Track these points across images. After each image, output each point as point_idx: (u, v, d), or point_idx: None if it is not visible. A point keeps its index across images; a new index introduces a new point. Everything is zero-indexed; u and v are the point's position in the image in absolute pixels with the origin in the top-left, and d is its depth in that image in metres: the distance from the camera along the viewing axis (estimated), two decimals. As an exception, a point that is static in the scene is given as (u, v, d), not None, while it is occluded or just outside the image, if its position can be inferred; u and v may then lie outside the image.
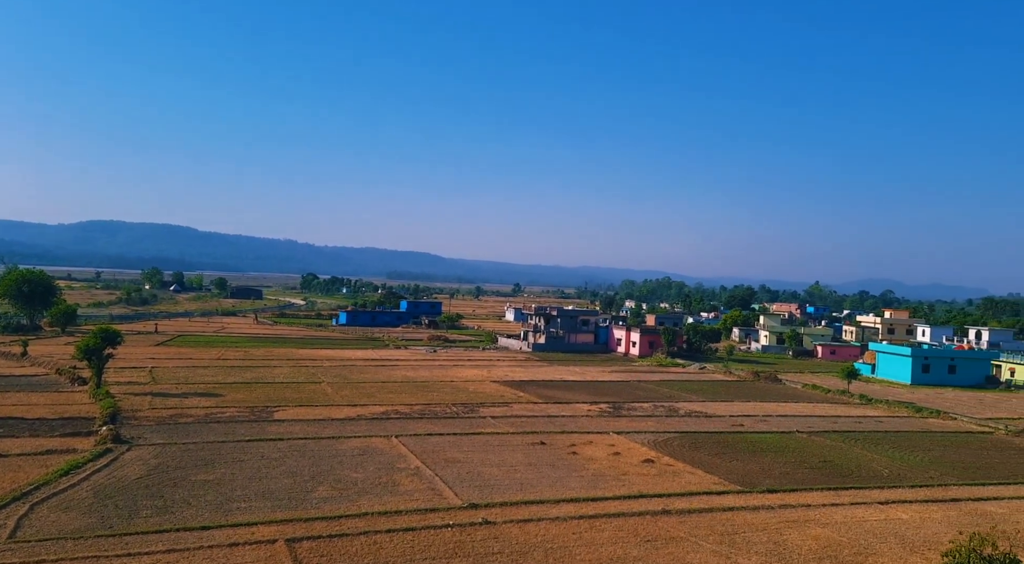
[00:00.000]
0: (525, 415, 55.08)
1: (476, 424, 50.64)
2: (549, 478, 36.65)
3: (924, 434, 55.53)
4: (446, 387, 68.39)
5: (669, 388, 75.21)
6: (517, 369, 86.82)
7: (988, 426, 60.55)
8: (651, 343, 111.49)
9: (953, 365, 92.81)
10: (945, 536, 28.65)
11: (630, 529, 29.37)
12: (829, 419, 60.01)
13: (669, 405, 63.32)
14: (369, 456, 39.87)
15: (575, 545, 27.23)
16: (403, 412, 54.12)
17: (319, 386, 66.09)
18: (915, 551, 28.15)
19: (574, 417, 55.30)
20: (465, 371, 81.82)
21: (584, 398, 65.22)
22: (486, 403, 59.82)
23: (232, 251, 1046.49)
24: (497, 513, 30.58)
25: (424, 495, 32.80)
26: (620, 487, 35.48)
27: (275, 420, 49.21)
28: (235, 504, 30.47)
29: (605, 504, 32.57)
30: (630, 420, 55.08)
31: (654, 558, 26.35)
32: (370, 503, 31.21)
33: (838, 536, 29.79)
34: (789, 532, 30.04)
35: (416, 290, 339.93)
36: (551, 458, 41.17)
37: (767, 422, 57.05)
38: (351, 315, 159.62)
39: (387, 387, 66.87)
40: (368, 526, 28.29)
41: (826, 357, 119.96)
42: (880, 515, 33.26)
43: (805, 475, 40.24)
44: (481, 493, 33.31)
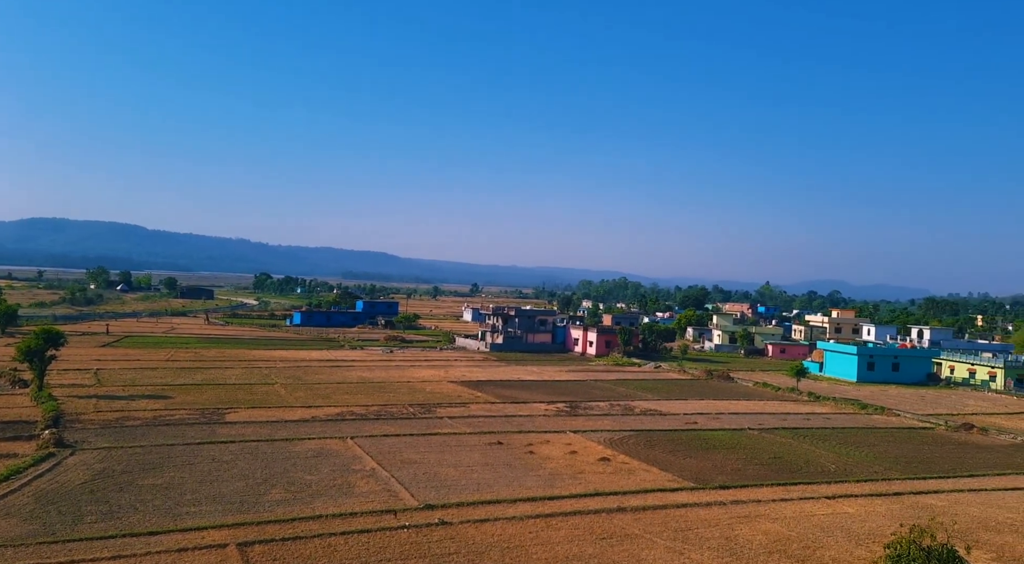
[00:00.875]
0: (482, 415, 55.06)
1: (433, 425, 50.43)
2: (506, 478, 36.71)
3: (869, 430, 57.27)
4: (403, 388, 67.93)
5: (625, 387, 76.04)
6: (475, 369, 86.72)
7: (929, 422, 62.75)
8: (608, 343, 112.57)
9: (896, 363, 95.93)
10: (888, 529, 29.57)
11: (586, 527, 29.61)
12: (779, 416, 61.45)
13: (625, 404, 64.02)
14: (324, 458, 39.36)
15: (531, 544, 27.34)
16: (359, 413, 53.56)
17: (272, 387, 64.98)
18: (860, 544, 29.02)
19: (531, 417, 55.49)
20: (422, 371, 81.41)
21: (541, 398, 65.50)
22: (443, 403, 59.62)
23: (182, 250, 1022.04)
24: (453, 513, 30.50)
25: (380, 496, 32.52)
26: (576, 486, 35.74)
27: (227, 422, 48.21)
28: (184, 508, 29.77)
29: (561, 503, 32.77)
30: (587, 419, 55.52)
31: (609, 555, 26.61)
32: (325, 505, 30.82)
33: (787, 530, 30.53)
34: (740, 527, 30.67)
35: (372, 290, 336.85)
36: (508, 458, 41.24)
37: (720, 420, 58.13)
38: (306, 315, 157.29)
39: (342, 388, 66.11)
40: (322, 529, 27.93)
41: (776, 356, 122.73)
42: (827, 509, 34.19)
43: (756, 471, 41.13)
44: (437, 494, 33.19)
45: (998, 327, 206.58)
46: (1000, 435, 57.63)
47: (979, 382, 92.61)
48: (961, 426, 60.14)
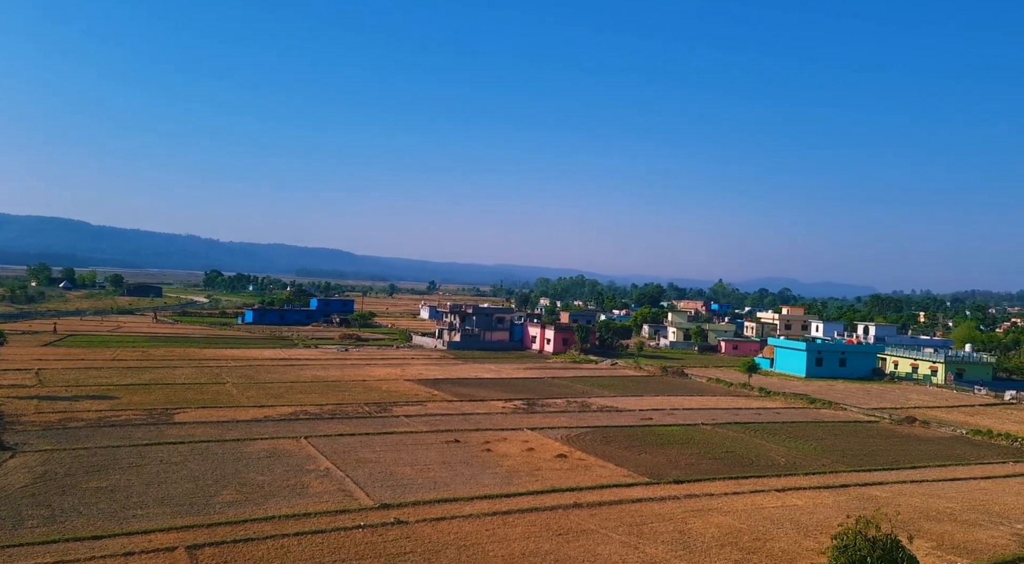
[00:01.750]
0: (439, 413, 54.83)
1: (389, 423, 50.01)
2: (463, 476, 36.62)
3: (817, 424, 58.82)
4: (358, 386, 67.20)
5: (582, 384, 76.59)
6: (432, 367, 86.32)
7: (874, 415, 64.76)
8: (565, 340, 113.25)
9: (843, 358, 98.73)
10: (835, 520, 30.39)
11: (542, 524, 29.73)
12: (731, 411, 62.66)
13: (582, 401, 64.48)
14: (277, 458, 38.68)
15: (488, 542, 27.32)
16: (313, 412, 52.80)
17: (223, 387, 63.59)
18: (808, 535, 29.77)
19: (489, 414, 55.47)
20: (378, 370, 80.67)
21: (499, 395, 65.53)
22: (400, 402, 59.18)
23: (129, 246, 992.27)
24: (410, 512, 30.30)
25: (334, 496, 32.11)
26: (533, 482, 35.85)
27: (176, 423, 47.01)
28: (131, 511, 28.92)
29: (518, 500, 32.83)
30: (544, 416, 55.75)
31: (565, 551, 26.76)
32: (277, 506, 30.29)
33: (738, 523, 31.14)
34: (693, 521, 31.17)
35: (327, 288, 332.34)
36: (465, 456, 41.15)
37: (674, 415, 59.00)
38: (258, 313, 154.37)
39: (296, 387, 65.08)
40: (275, 530, 27.45)
41: (729, 352, 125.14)
42: (777, 502, 34.99)
43: (709, 465, 41.86)
44: (394, 493, 32.93)
45: (939, 323, 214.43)
46: (941, 428, 59.78)
47: (921, 377, 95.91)
48: (904, 419, 62.22)
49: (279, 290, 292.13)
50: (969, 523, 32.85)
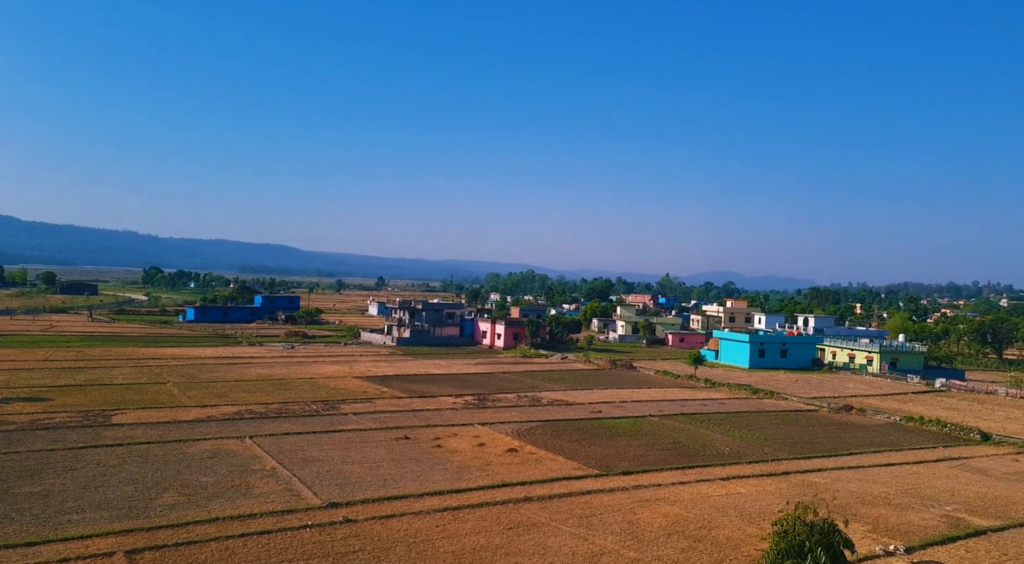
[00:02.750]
0: (389, 410, 54.35)
1: (337, 421, 49.34)
2: (413, 473, 36.39)
3: (760, 414, 60.43)
4: (305, 384, 66.10)
5: (533, 378, 76.95)
6: (381, 364, 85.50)
7: (814, 404, 66.88)
8: (516, 335, 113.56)
9: (785, 349, 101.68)
10: (777, 506, 31.21)
11: (493, 518, 29.77)
12: (678, 403, 63.85)
13: (532, 395, 64.78)
14: (220, 459, 37.75)
15: (438, 538, 27.22)
16: (258, 412, 51.70)
17: (164, 387, 61.73)
18: (752, 522, 30.56)
19: (439, 410, 55.25)
20: (325, 367, 79.50)
21: (449, 391, 65.32)
22: (348, 399, 58.43)
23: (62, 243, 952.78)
24: (359, 511, 29.96)
25: (281, 496, 31.52)
26: (484, 477, 35.87)
27: (113, 424, 45.40)
28: (66, 516, 27.83)
29: (469, 495, 32.80)
30: (495, 411, 55.81)
31: (516, 545, 26.86)
32: (221, 508, 29.57)
33: (685, 512, 31.77)
34: (641, 511, 31.67)
35: (272, 284, 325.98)
36: (415, 452, 40.89)
37: (623, 408, 59.80)
38: (200, 311, 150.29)
39: (240, 386, 63.61)
40: (219, 532, 26.79)
41: (676, 345, 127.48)
42: (722, 490, 35.82)
43: (657, 456, 42.58)
44: (342, 491, 32.51)
45: (874, 315, 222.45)
46: (876, 415, 62.12)
47: (858, 366, 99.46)
48: (842, 408, 64.44)
49: (222, 287, 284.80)
50: (902, 506, 34.22)
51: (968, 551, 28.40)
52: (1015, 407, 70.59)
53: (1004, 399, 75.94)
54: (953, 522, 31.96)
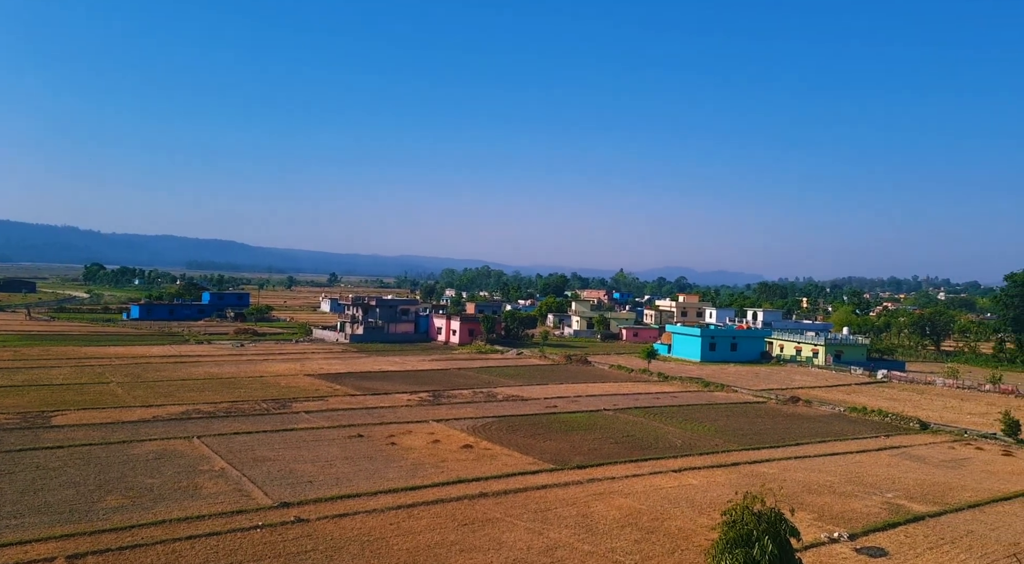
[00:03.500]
0: (342, 408, 53.68)
1: (288, 420, 48.52)
2: (366, 471, 36.03)
3: (711, 406, 61.60)
4: (255, 383, 64.81)
5: (488, 374, 76.94)
6: (334, 361, 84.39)
7: (762, 396, 68.49)
8: (471, 331, 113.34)
9: (735, 343, 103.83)
10: (727, 497, 31.91)
11: (448, 515, 29.68)
12: (632, 396, 64.64)
13: (488, 391, 64.77)
14: (167, 460, 36.75)
15: (392, 536, 27.01)
16: (206, 411, 50.49)
17: (107, 387, 59.78)
18: (703, 512, 31.14)
19: (393, 408, 54.81)
20: (276, 365, 78.10)
21: (404, 388, 64.85)
22: (299, 398, 57.51)
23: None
24: (311, 510, 29.52)
25: (230, 497, 30.84)
26: (439, 474, 35.72)
27: (53, 426, 43.77)
28: (3, 521, 26.75)
29: (423, 492, 32.64)
30: (450, 407, 55.63)
31: (471, 541, 26.83)
32: (168, 510, 28.79)
33: (638, 504, 32.19)
34: (596, 504, 31.97)
35: (221, 281, 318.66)
36: (369, 450, 40.49)
37: (578, 402, 60.26)
38: (145, 309, 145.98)
39: (187, 385, 62.02)
40: (166, 534, 26.09)
41: (630, 339, 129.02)
42: (674, 482, 36.41)
43: (611, 450, 43.03)
44: (293, 491, 31.99)
45: (820, 308, 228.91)
46: (822, 406, 63.93)
47: (804, 359, 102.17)
48: (789, 399, 66.14)
49: (168, 284, 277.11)
50: (846, 494, 35.31)
51: (908, 536, 29.46)
52: (952, 397, 73.47)
53: (942, 389, 78.98)
54: (894, 509, 33.11)
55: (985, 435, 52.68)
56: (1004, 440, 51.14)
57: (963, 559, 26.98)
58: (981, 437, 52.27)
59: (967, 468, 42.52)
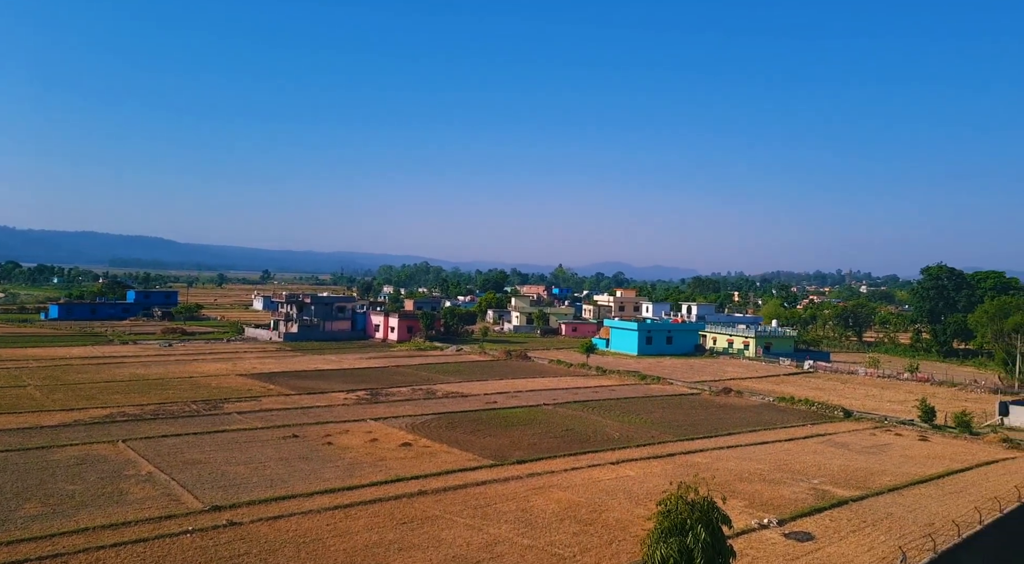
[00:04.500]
0: (276, 408, 52.42)
1: (220, 421, 47.09)
2: (302, 471, 35.29)
3: (648, 398, 62.81)
4: (184, 384, 62.66)
5: (427, 371, 76.44)
6: (267, 360, 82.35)
7: (696, 388, 70.23)
8: (410, 328, 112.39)
9: (670, 336, 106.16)
10: (662, 487, 32.55)
11: (386, 514, 29.35)
12: (571, 391, 65.31)
13: (427, 388, 64.34)
14: (89, 465, 35.15)
15: (329, 536, 26.54)
16: (132, 414, 48.52)
17: (24, 390, 56.75)
18: (640, 503, 31.71)
19: (330, 407, 53.86)
20: (207, 365, 75.69)
21: (340, 387, 63.80)
22: (231, 398, 55.88)
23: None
24: (244, 513, 28.74)
25: (158, 502, 29.73)
26: (377, 473, 35.29)
27: (-37, 434, 41.29)
28: (-96, 539, 25.05)
29: (361, 492, 32.19)
30: (388, 406, 55.02)
31: (409, 539, 26.60)
32: (91, 517, 27.55)
33: (577, 497, 32.54)
34: (535, 498, 32.16)
35: (147, 279, 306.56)
36: (304, 451, 39.67)
37: (518, 397, 60.49)
38: (65, 308, 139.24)
39: (112, 387, 59.46)
40: (88, 542, 24.96)
41: (569, 334, 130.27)
42: (612, 474, 36.97)
43: (550, 444, 43.36)
44: (226, 494, 31.07)
45: (751, 302, 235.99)
46: (752, 397, 65.99)
47: (736, 351, 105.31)
48: (722, 391, 68.03)
49: (90, 282, 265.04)
50: (775, 481, 36.54)
51: (832, 520, 30.71)
52: (873, 386, 76.96)
53: (863, 379, 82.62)
54: (820, 494, 34.45)
55: (904, 422, 55.38)
56: (921, 426, 53.87)
57: (883, 540, 28.28)
58: (900, 423, 54.92)
59: (887, 454, 44.61)
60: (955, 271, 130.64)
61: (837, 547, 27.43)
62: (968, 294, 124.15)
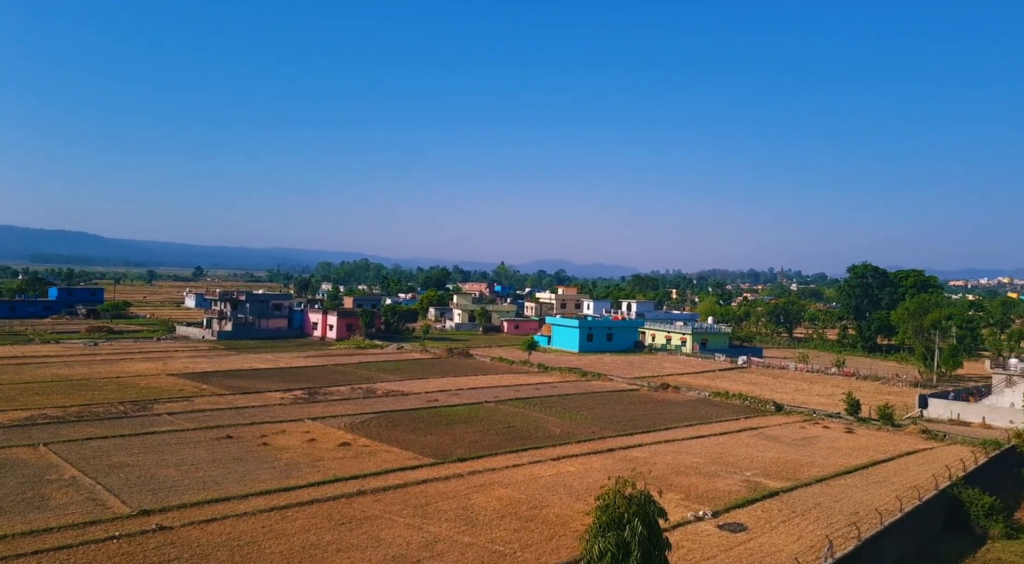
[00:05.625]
0: (209, 409, 50.88)
1: (149, 423, 45.42)
2: (236, 473, 34.35)
3: (588, 395, 63.53)
4: (111, 384, 60.19)
5: (367, 370, 75.45)
6: (200, 360, 79.85)
7: (635, 384, 71.43)
8: (349, 326, 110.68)
9: (611, 333, 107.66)
10: (601, 482, 32.98)
11: (324, 514, 28.85)
12: (513, 388, 65.51)
13: (367, 387, 63.51)
14: (8, 469, 33.41)
15: (264, 539, 25.92)
16: (54, 416, 46.32)
17: (-66, 393, 53.53)
18: (579, 498, 32.04)
19: (266, 407, 52.60)
20: (136, 365, 72.89)
21: (277, 386, 62.37)
22: (162, 399, 53.98)
23: None
24: (175, 517, 27.80)
25: (82, 507, 28.48)
26: (314, 474, 34.65)
27: None
28: None
29: (298, 493, 31.55)
30: (326, 405, 54.08)
31: (348, 539, 26.22)
32: (10, 523, 26.22)
33: (518, 494, 32.66)
34: (476, 496, 32.14)
35: (70, 275, 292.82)
36: (239, 452, 38.63)
37: (459, 395, 60.31)
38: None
39: (32, 388, 56.64)
40: (7, 550, 23.76)
41: (511, 331, 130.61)
42: (553, 470, 37.24)
43: (492, 441, 43.40)
44: (155, 497, 29.99)
45: (688, 299, 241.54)
46: (689, 392, 67.52)
47: (674, 347, 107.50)
48: (660, 386, 69.38)
49: (8, 279, 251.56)
50: (710, 474, 37.48)
51: (764, 511, 31.68)
52: (802, 380, 79.76)
53: (794, 373, 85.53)
54: (752, 486, 35.50)
55: (831, 415, 57.59)
56: (847, 419, 56.12)
57: (811, 529, 29.34)
58: (828, 417, 57.09)
59: (815, 446, 46.30)
60: (879, 270, 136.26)
61: (768, 537, 28.32)
62: (891, 292, 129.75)
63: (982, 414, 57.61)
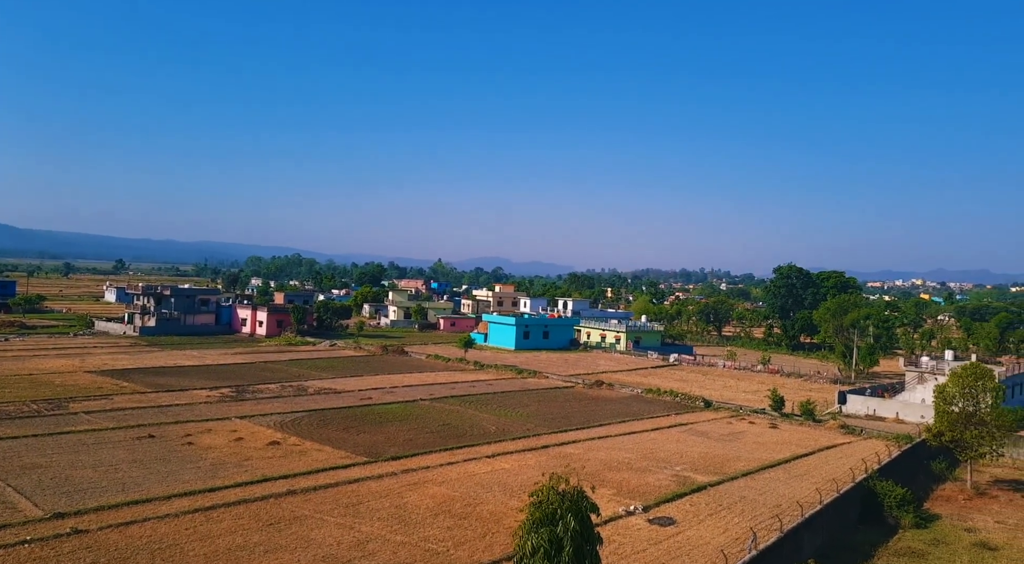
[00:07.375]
0: (130, 407, 48.81)
1: (65, 422, 43.23)
2: (159, 474, 33.06)
3: (524, 392, 63.82)
4: (23, 381, 57.05)
5: (298, 367, 73.81)
6: (120, 356, 76.52)
7: (571, 381, 72.17)
8: (280, 322, 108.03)
9: (547, 331, 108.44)
10: (536, 479, 33.18)
11: (252, 515, 28.06)
12: (448, 385, 65.21)
13: (298, 384, 62.13)
14: (-96, 475, 31.23)
15: (188, 541, 25.02)
16: (-41, 416, 43.58)
17: None
18: (514, 495, 32.13)
19: (191, 405, 50.80)
20: (50, 361, 69.28)
21: (203, 384, 60.33)
22: (78, 397, 51.47)
23: None
24: (91, 520, 26.55)
25: (-11, 513, 26.86)
26: (242, 474, 33.66)
27: None
28: None
29: (224, 493, 30.59)
30: (255, 403, 52.63)
31: (277, 540, 25.57)
32: (-96, 534, 24.47)
33: (452, 492, 32.52)
34: (410, 494, 31.84)
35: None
36: (162, 452, 37.19)
37: (394, 393, 59.66)
38: None
39: (-65, 386, 53.18)
40: (-100, 564, 22.17)
41: (448, 329, 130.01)
42: (488, 468, 37.24)
43: (426, 439, 43.08)
44: (70, 500, 28.56)
45: (622, 298, 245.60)
46: (622, 389, 68.65)
47: (608, 345, 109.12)
48: (594, 383, 70.32)
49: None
50: (642, 470, 38.19)
51: (692, 505, 32.49)
52: (730, 377, 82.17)
53: (722, 371, 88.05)
54: (681, 480, 36.35)
55: (756, 411, 59.53)
56: (772, 414, 58.12)
57: (737, 522, 30.25)
58: (753, 412, 58.99)
59: (742, 441, 47.77)
60: (803, 271, 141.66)
61: (696, 530, 29.05)
62: (813, 292, 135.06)
63: (896, 410, 60.60)
